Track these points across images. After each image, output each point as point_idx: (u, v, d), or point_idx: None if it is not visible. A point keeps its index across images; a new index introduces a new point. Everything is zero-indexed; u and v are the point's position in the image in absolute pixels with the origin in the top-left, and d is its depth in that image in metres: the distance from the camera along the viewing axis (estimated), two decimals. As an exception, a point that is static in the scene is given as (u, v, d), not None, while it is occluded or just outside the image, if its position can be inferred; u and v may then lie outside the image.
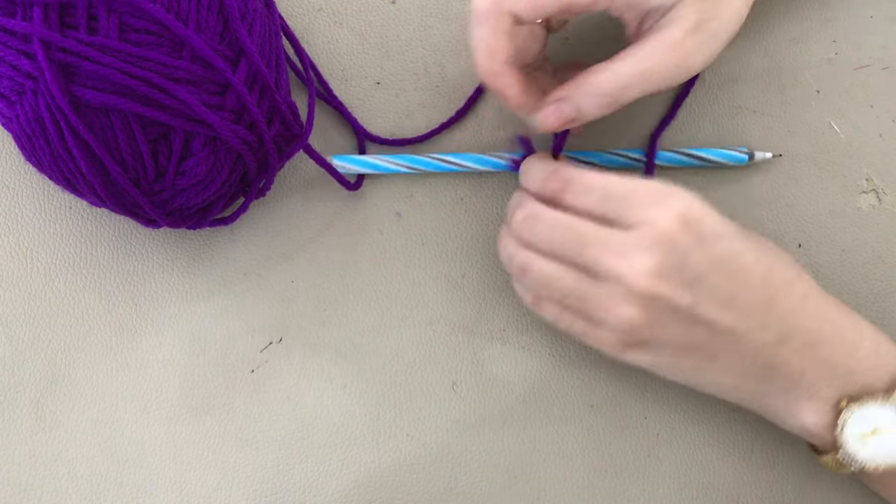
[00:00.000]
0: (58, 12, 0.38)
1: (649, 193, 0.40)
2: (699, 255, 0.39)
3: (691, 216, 0.39)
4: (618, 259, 0.39)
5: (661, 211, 0.39)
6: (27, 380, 0.47)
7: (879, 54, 0.50)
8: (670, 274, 0.39)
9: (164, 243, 0.48)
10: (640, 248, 0.39)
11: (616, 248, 0.39)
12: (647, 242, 0.39)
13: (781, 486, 0.48)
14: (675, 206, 0.39)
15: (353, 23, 0.49)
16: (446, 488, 0.47)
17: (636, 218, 0.39)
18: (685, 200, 0.39)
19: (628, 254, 0.39)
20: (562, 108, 0.42)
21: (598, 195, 0.40)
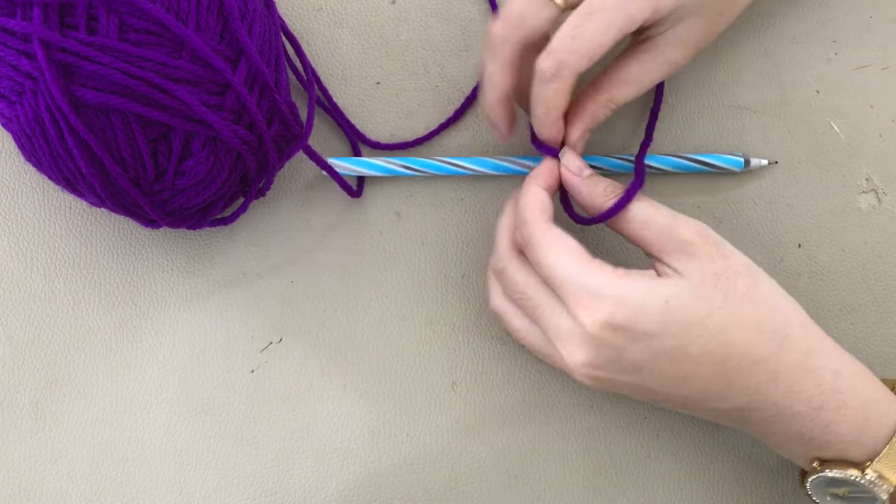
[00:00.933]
0: (58, 12, 0.38)
1: (581, 293, 0.38)
2: (634, 350, 0.38)
3: (619, 322, 0.38)
4: (558, 341, 0.40)
5: (587, 316, 0.38)
6: (27, 380, 0.47)
7: (879, 54, 0.50)
8: (605, 365, 0.39)
9: (163, 243, 0.48)
10: (575, 339, 0.39)
11: (556, 329, 0.40)
12: (579, 338, 0.39)
13: (781, 486, 0.48)
14: (599, 313, 0.38)
15: (353, 23, 0.49)
16: (446, 488, 0.47)
17: (571, 311, 0.39)
18: (614, 305, 0.38)
19: (566, 341, 0.40)
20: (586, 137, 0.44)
21: (544, 274, 0.40)
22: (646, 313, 0.38)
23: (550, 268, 0.40)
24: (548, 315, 0.40)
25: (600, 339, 0.38)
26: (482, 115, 0.49)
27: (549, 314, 0.40)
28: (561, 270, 0.39)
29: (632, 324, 0.38)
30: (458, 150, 0.49)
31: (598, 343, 0.38)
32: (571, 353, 0.40)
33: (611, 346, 0.38)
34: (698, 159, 0.47)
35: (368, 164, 0.47)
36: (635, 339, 0.38)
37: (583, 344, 0.39)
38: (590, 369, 0.39)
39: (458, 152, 0.49)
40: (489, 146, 0.49)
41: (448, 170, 0.47)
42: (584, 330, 0.38)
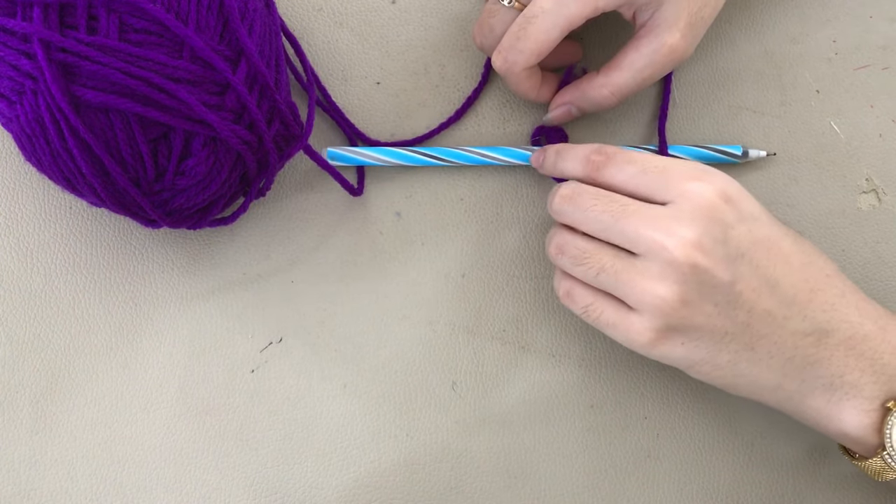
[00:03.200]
0: (58, 12, 0.38)
1: (689, 169, 0.40)
2: (740, 231, 0.39)
3: (732, 194, 0.39)
4: (657, 230, 0.38)
5: (702, 185, 0.39)
6: (27, 380, 0.47)
7: (879, 54, 0.50)
8: (711, 247, 0.38)
9: (164, 243, 0.48)
10: (681, 219, 0.38)
11: (656, 220, 0.39)
12: (688, 214, 0.38)
13: (781, 486, 0.48)
14: (715, 183, 0.39)
15: (353, 23, 0.49)
16: (446, 488, 0.47)
17: (676, 191, 0.39)
18: (725, 180, 0.40)
19: (669, 225, 0.38)
20: (570, 111, 0.47)
21: (638, 168, 0.40)
22: (749, 196, 0.40)
23: (649, 158, 0.40)
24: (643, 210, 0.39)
25: (714, 209, 0.38)
26: (483, 114, 0.49)
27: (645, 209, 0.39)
28: (662, 158, 0.41)
29: (741, 199, 0.39)
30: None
31: (710, 215, 0.38)
32: (677, 231, 0.38)
33: (719, 219, 0.38)
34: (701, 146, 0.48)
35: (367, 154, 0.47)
36: (741, 218, 0.39)
37: (691, 217, 0.38)
38: (695, 248, 0.38)
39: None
40: (488, 144, 0.49)
41: (444, 163, 0.48)
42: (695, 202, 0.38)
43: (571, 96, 0.46)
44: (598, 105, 0.46)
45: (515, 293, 0.48)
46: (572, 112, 0.47)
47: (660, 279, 0.38)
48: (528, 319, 0.48)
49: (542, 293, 0.48)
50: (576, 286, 0.42)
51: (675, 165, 0.40)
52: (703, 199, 0.38)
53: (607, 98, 0.45)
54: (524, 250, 0.49)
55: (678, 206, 0.39)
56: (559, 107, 0.47)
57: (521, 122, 0.49)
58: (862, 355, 0.39)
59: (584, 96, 0.46)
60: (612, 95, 0.45)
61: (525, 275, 0.49)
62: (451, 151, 0.48)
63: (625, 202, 0.40)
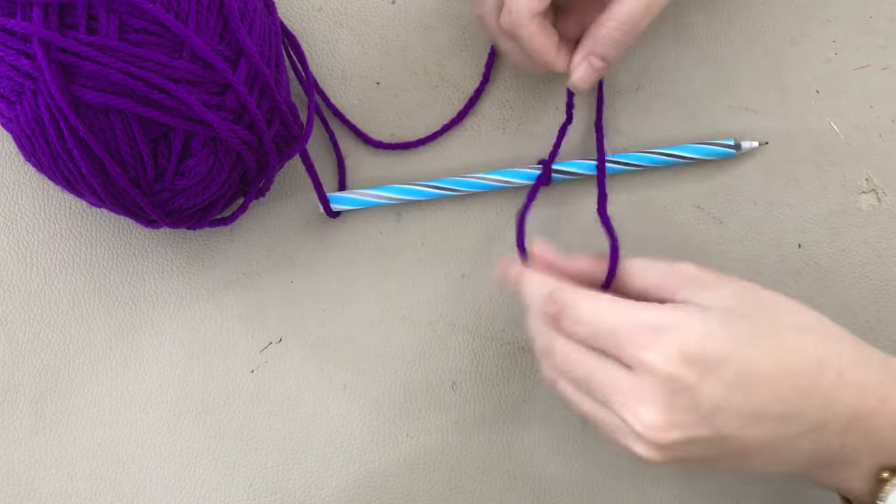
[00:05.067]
0: (58, 12, 0.38)
1: (640, 332, 0.36)
2: (709, 386, 0.35)
3: (691, 350, 0.35)
4: (623, 408, 0.36)
5: (657, 353, 0.35)
6: (27, 380, 0.47)
7: (879, 54, 0.50)
8: (682, 420, 0.36)
9: (163, 243, 0.48)
10: (642, 399, 0.36)
11: (620, 395, 0.36)
12: (649, 390, 0.35)
13: (781, 486, 0.48)
14: (671, 345, 0.35)
15: (353, 23, 0.49)
16: (446, 488, 0.47)
17: (633, 359, 0.36)
18: (681, 333, 0.35)
19: (633, 404, 0.36)
20: (593, 63, 0.44)
21: (589, 330, 0.37)
22: (711, 336, 0.35)
23: (596, 319, 0.37)
24: (606, 379, 0.37)
25: (674, 380, 0.35)
26: (483, 114, 0.49)
27: (606, 378, 0.37)
28: (609, 317, 0.37)
29: (704, 350, 0.35)
30: (459, 150, 0.49)
31: (671, 388, 0.35)
32: (641, 413, 0.36)
33: (684, 387, 0.35)
34: (687, 155, 0.47)
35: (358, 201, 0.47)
36: (708, 370, 0.35)
37: (654, 398, 0.35)
38: (666, 431, 0.36)
39: (458, 152, 0.49)
40: (489, 145, 0.49)
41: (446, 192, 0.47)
42: (652, 377, 0.35)
43: (585, 47, 0.43)
44: (611, 45, 0.43)
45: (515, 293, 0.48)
46: (594, 64, 0.43)
47: (639, 443, 0.37)
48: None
49: (542, 293, 0.48)
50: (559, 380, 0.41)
51: (625, 325, 0.36)
52: (661, 371, 0.35)
53: (616, 33, 0.42)
54: (524, 250, 0.49)
55: (640, 380, 0.36)
56: (579, 64, 0.44)
57: (522, 123, 0.49)
58: (860, 433, 0.38)
59: (595, 40, 0.43)
60: (619, 29, 0.42)
61: (525, 275, 0.48)
62: (455, 180, 0.47)
63: (592, 365, 0.37)
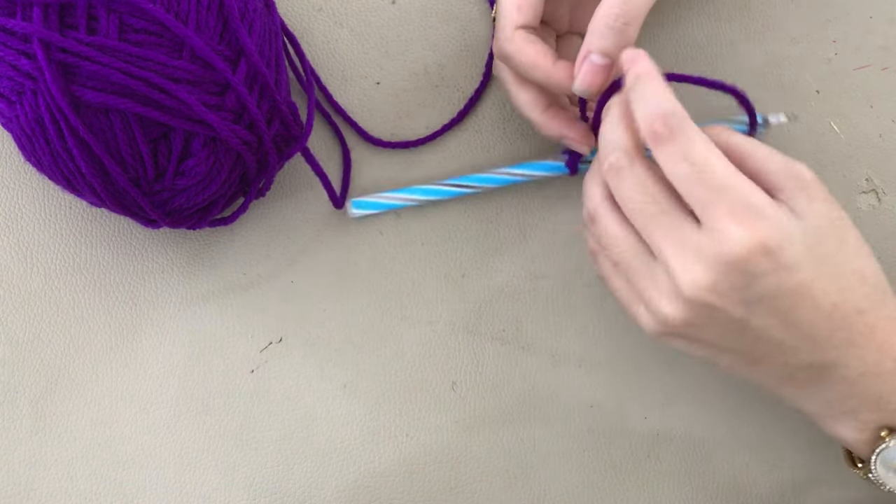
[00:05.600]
0: (58, 12, 0.38)
1: (740, 204, 0.35)
2: (767, 281, 0.36)
3: (771, 246, 0.35)
4: (677, 256, 0.36)
5: (743, 232, 0.35)
6: (27, 380, 0.47)
7: (879, 54, 0.50)
8: (726, 291, 0.36)
9: (163, 243, 0.48)
10: (703, 257, 0.35)
11: (681, 243, 0.36)
12: (713, 256, 0.35)
13: (781, 486, 0.48)
14: (758, 233, 0.35)
15: (353, 23, 0.49)
16: (446, 488, 0.47)
17: (716, 223, 0.35)
18: (772, 227, 0.35)
19: (689, 256, 0.36)
20: (594, 59, 0.40)
21: (693, 173, 0.36)
22: (793, 243, 0.36)
23: (708, 165, 0.36)
24: (674, 228, 0.36)
25: (744, 261, 0.35)
26: (483, 114, 0.49)
27: (676, 226, 0.36)
28: (721, 173, 0.36)
29: (780, 251, 0.35)
30: (460, 150, 0.49)
31: (736, 265, 0.35)
32: (694, 272, 0.36)
33: (749, 271, 0.35)
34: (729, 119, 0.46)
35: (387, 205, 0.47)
36: (775, 269, 0.35)
37: (713, 259, 0.35)
38: (706, 292, 0.36)
39: (458, 152, 0.49)
40: (490, 145, 0.49)
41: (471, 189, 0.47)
42: (726, 247, 0.35)
43: (583, 47, 0.40)
44: (607, 36, 0.40)
45: (515, 293, 0.48)
46: (595, 61, 0.40)
47: (668, 297, 0.37)
48: (528, 319, 0.48)
49: (542, 293, 0.48)
50: (599, 254, 0.41)
51: (731, 191, 0.36)
52: (736, 248, 0.35)
53: (608, 20, 0.39)
54: (524, 250, 0.49)
55: (709, 241, 0.35)
56: (580, 66, 0.40)
57: (522, 123, 0.49)
58: (868, 389, 0.38)
59: (590, 36, 0.40)
60: (610, 15, 0.39)
61: (525, 275, 0.49)
62: (478, 177, 0.47)
63: (662, 208, 0.37)
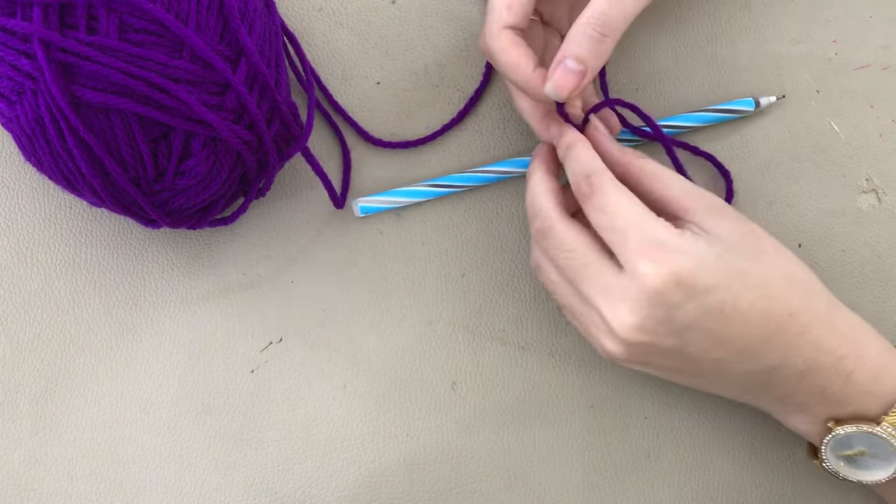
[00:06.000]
0: (58, 12, 0.38)
1: (647, 242, 0.38)
2: (688, 308, 0.38)
3: (683, 276, 0.37)
4: (605, 303, 0.39)
5: (653, 268, 0.37)
6: (27, 380, 0.47)
7: (879, 54, 0.50)
8: (653, 327, 0.38)
9: (164, 243, 0.48)
10: (625, 299, 0.38)
11: (606, 291, 0.39)
12: (632, 295, 0.38)
13: (781, 486, 0.48)
14: (667, 266, 0.37)
15: (353, 23, 0.49)
16: (446, 488, 0.47)
17: (629, 264, 0.38)
18: (680, 258, 0.38)
19: (614, 301, 0.39)
20: (569, 65, 0.40)
21: (607, 222, 0.39)
22: (706, 267, 0.38)
23: (617, 213, 0.39)
24: (598, 274, 0.39)
25: (659, 295, 0.37)
26: (484, 114, 0.49)
27: (598, 272, 0.39)
28: (629, 214, 0.39)
29: (694, 278, 0.37)
30: (459, 150, 0.49)
31: (654, 300, 0.37)
32: (620, 315, 0.38)
33: (667, 303, 0.38)
34: (711, 108, 0.48)
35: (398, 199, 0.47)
36: (692, 295, 0.38)
37: (636, 302, 0.38)
38: (636, 332, 0.38)
39: (459, 152, 0.49)
40: (490, 145, 0.49)
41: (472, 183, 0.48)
42: (641, 285, 0.37)
43: (560, 51, 0.41)
44: (584, 44, 0.40)
45: (515, 293, 0.48)
46: (569, 66, 0.40)
47: (608, 338, 0.40)
48: (528, 319, 0.48)
49: (542, 293, 0.48)
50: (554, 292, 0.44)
51: (637, 231, 0.38)
52: (651, 284, 0.37)
53: (587, 28, 0.40)
54: (524, 250, 0.49)
55: (628, 282, 0.38)
56: (554, 69, 0.41)
57: (522, 123, 0.49)
58: (813, 384, 0.40)
59: (568, 41, 0.40)
60: (589, 24, 0.40)
61: (525, 275, 0.49)
62: (480, 176, 0.48)
63: (585, 261, 0.40)
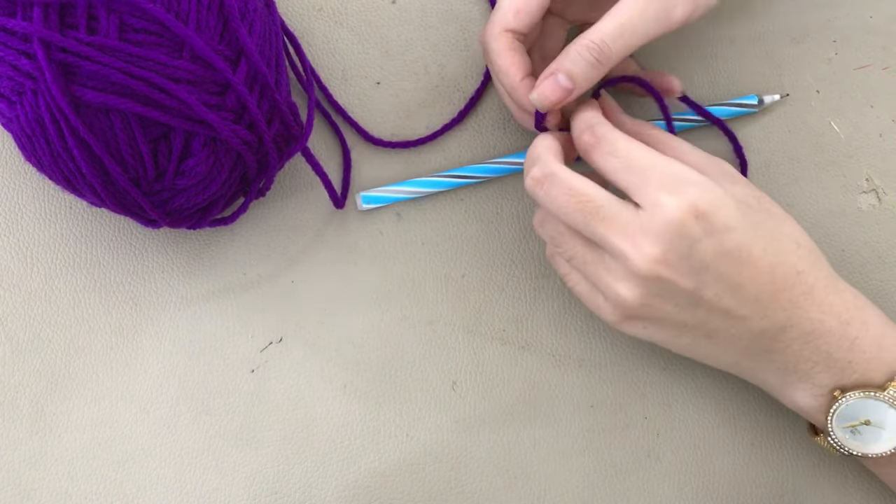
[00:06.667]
0: (58, 12, 0.38)
1: (667, 177, 0.39)
2: (706, 245, 0.38)
3: (703, 208, 0.38)
4: (624, 239, 0.39)
5: (675, 199, 0.38)
6: (27, 380, 0.47)
7: (879, 54, 0.50)
8: (674, 261, 0.39)
9: (164, 243, 0.48)
10: (647, 232, 0.38)
11: (624, 228, 0.39)
12: (655, 228, 0.38)
13: (781, 485, 0.48)
14: (688, 197, 0.38)
15: (353, 23, 0.49)
16: (446, 488, 0.47)
17: (650, 199, 0.38)
18: (701, 191, 0.39)
19: (635, 236, 0.38)
20: (560, 80, 0.41)
21: (620, 163, 0.40)
22: (725, 205, 0.39)
23: (632, 154, 0.39)
24: (612, 215, 0.39)
25: (681, 226, 0.38)
26: (484, 113, 0.49)
27: (614, 214, 0.39)
28: (644, 157, 0.39)
29: (713, 212, 0.38)
30: (459, 150, 0.49)
31: (676, 231, 0.38)
32: (641, 243, 0.38)
33: (688, 236, 0.38)
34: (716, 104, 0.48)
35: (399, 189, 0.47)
36: (711, 231, 0.38)
37: (658, 234, 0.38)
38: (658, 265, 0.38)
39: (459, 152, 0.49)
40: (490, 145, 0.49)
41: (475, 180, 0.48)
42: (664, 217, 0.38)
43: (555, 62, 0.42)
44: (578, 64, 0.41)
45: (515, 293, 0.48)
46: (560, 81, 0.41)
47: (623, 280, 0.40)
48: (528, 319, 0.48)
49: (542, 293, 0.48)
50: (555, 254, 0.44)
51: (656, 168, 0.39)
52: (673, 214, 0.38)
53: (584, 50, 0.40)
54: (524, 250, 0.49)
55: (648, 217, 0.38)
56: (545, 78, 0.42)
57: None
58: (818, 349, 0.41)
59: (564, 56, 0.41)
60: (587, 47, 0.40)
61: (525, 275, 0.49)
62: (482, 167, 0.48)
63: (599, 203, 0.39)
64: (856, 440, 0.42)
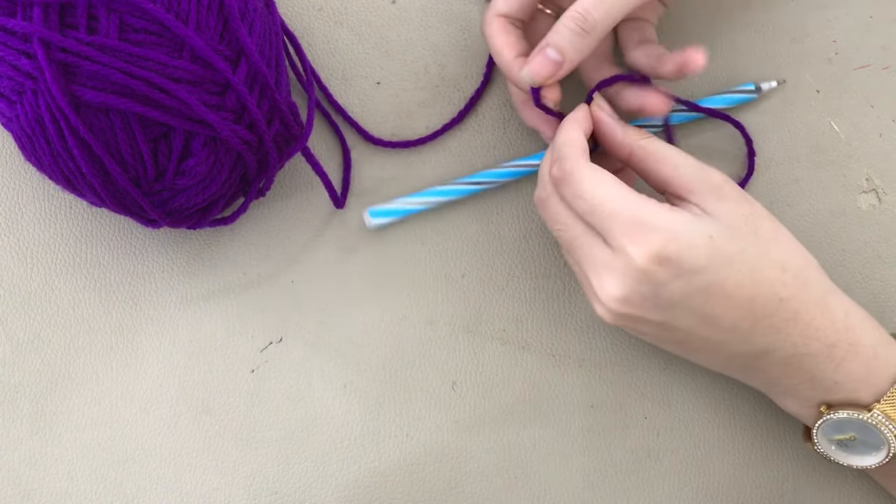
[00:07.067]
0: (58, 12, 0.38)
1: (630, 225, 0.38)
2: (674, 287, 0.38)
3: (668, 254, 0.38)
4: (594, 274, 0.40)
5: (637, 248, 0.38)
6: (27, 380, 0.47)
7: (879, 54, 0.50)
8: (638, 301, 0.39)
9: (164, 243, 0.48)
10: (613, 272, 0.39)
11: (595, 264, 0.40)
12: (619, 271, 0.39)
13: (781, 485, 0.48)
14: (653, 246, 0.38)
15: (353, 23, 0.49)
16: (446, 488, 0.47)
17: (616, 244, 0.39)
18: (665, 238, 0.38)
19: (601, 273, 0.40)
20: (549, 54, 0.41)
21: (585, 207, 0.40)
22: (694, 247, 0.38)
23: (595, 199, 0.39)
24: (586, 248, 0.40)
25: (645, 273, 0.38)
26: (484, 113, 0.49)
27: (587, 247, 0.40)
28: (609, 202, 0.39)
29: (679, 257, 0.38)
30: (460, 150, 0.49)
31: (639, 277, 0.38)
32: (607, 287, 0.39)
33: (652, 281, 0.38)
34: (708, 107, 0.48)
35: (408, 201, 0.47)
36: (679, 274, 0.38)
37: (622, 278, 0.39)
38: (621, 305, 0.39)
39: (459, 152, 0.49)
40: (490, 145, 0.49)
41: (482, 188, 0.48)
42: (627, 263, 0.38)
43: (545, 39, 0.42)
44: (566, 37, 0.41)
45: (515, 293, 0.48)
46: (549, 55, 0.41)
47: (597, 303, 0.41)
48: (528, 319, 0.48)
49: (542, 293, 0.48)
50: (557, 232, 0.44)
51: (620, 215, 0.39)
52: (636, 263, 0.38)
53: (570, 22, 0.40)
54: (524, 250, 0.49)
55: (615, 260, 0.39)
56: (535, 55, 0.42)
57: (522, 123, 0.49)
58: (801, 370, 0.40)
59: (553, 31, 0.41)
60: (573, 18, 0.40)
61: (525, 275, 0.49)
62: (491, 172, 0.48)
63: (577, 232, 0.41)
64: (842, 452, 0.42)
